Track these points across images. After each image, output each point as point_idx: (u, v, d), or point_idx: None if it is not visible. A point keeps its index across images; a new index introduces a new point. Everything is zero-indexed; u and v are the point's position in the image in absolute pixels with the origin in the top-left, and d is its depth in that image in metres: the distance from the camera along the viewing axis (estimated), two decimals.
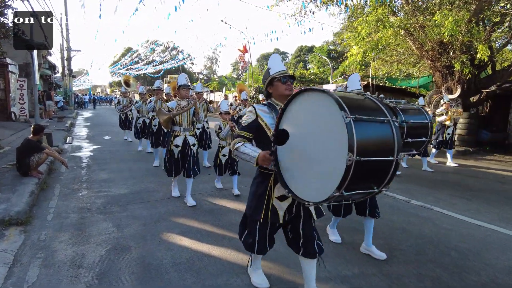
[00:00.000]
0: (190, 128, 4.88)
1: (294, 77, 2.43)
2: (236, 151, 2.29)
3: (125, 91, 10.63)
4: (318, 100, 1.90)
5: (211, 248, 3.46)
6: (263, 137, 2.31)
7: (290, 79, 2.36)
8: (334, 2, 12.08)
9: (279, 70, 2.37)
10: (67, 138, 11.15)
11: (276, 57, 2.46)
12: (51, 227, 3.93)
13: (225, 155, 5.32)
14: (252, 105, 2.39)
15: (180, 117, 4.74)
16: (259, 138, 2.35)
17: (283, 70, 2.38)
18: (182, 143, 4.76)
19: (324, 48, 39.71)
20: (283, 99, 2.29)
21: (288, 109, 2.11)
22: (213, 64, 71.31)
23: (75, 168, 6.93)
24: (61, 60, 28.06)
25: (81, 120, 20.03)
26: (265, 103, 2.41)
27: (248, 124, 2.34)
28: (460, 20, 8.58)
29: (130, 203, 4.80)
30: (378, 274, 3.03)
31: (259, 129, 2.32)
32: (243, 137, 2.34)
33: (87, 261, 3.13)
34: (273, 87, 2.38)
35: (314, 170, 1.92)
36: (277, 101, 2.37)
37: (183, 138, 4.78)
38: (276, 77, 2.34)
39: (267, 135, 2.29)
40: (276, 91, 2.36)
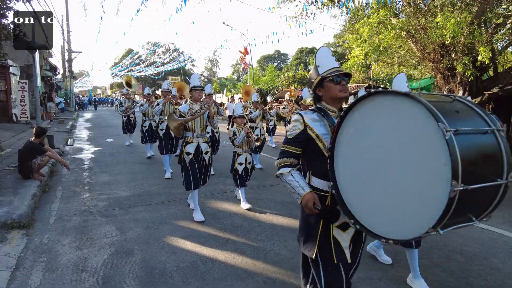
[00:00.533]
0: (204, 134, 4.43)
1: (350, 75, 2.01)
2: (280, 176, 1.93)
3: (127, 92, 10.25)
4: (398, 106, 1.48)
5: (215, 252, 3.43)
6: (314, 151, 1.88)
7: (345, 77, 1.94)
8: (335, 4, 12.08)
9: (330, 68, 1.92)
10: (68, 140, 11.13)
11: (325, 51, 2.02)
12: (53, 230, 3.90)
13: (242, 163, 4.82)
14: (299, 112, 1.96)
15: (193, 122, 4.28)
16: (308, 152, 1.92)
17: (336, 67, 1.92)
18: (194, 150, 4.28)
19: None
20: (336, 102, 1.93)
21: (351, 117, 1.67)
22: (214, 65, 71.38)
23: (77, 170, 6.91)
24: (62, 62, 28.11)
25: (82, 121, 20.04)
26: (313, 108, 1.98)
27: (295, 137, 1.90)
28: (462, 22, 8.56)
29: (132, 206, 4.78)
30: (383, 278, 3.00)
31: (308, 142, 1.89)
32: (289, 155, 1.91)
33: (90, 265, 3.10)
34: (323, 88, 1.93)
35: (391, 198, 1.51)
36: (329, 106, 1.93)
37: (196, 145, 4.30)
38: (327, 77, 1.89)
39: (318, 149, 1.86)
40: (328, 93, 1.92)
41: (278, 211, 4.69)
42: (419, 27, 10.41)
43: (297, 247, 3.54)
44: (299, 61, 49.74)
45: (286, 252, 3.47)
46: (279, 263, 3.23)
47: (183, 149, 4.30)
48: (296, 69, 42.23)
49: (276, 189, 5.76)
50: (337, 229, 1.85)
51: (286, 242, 3.72)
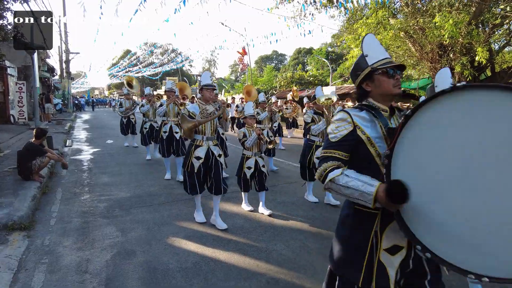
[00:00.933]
0: (214, 137, 4.12)
1: (404, 67, 1.68)
2: (331, 184, 1.49)
3: (127, 92, 10.03)
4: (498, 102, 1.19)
5: (217, 252, 3.43)
6: (362, 157, 1.56)
7: (398, 69, 1.62)
8: (334, 4, 12.12)
9: (382, 58, 1.61)
10: (66, 141, 11.09)
11: (372, 39, 1.72)
12: (54, 231, 3.89)
13: (250, 167, 4.47)
14: (345, 110, 1.64)
15: (203, 124, 3.97)
16: (355, 159, 1.59)
17: (388, 58, 1.63)
18: (205, 154, 3.97)
19: (323, 50, 39.82)
20: (388, 100, 1.63)
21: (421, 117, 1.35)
22: (212, 66, 71.39)
23: (76, 172, 6.89)
24: (60, 63, 28.05)
25: (80, 123, 19.98)
26: (359, 106, 1.66)
27: (342, 139, 1.56)
28: (460, 22, 8.62)
29: (133, 207, 4.77)
30: None
31: (357, 146, 1.56)
32: (333, 160, 1.56)
33: (93, 266, 3.10)
34: (372, 83, 1.62)
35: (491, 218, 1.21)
36: (379, 104, 1.62)
37: (206, 149, 3.98)
38: (379, 68, 1.58)
39: (368, 155, 1.54)
40: (379, 89, 1.60)
41: (279, 211, 4.69)
42: (417, 28, 10.47)
43: (299, 248, 3.57)
44: (297, 61, 49.81)
45: (288, 252, 3.48)
46: (281, 263, 3.24)
47: (191, 153, 3.96)
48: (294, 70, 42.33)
49: (277, 189, 5.76)
50: (385, 253, 1.50)
51: (288, 242, 3.73)
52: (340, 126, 1.58)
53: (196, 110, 3.95)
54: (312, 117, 5.00)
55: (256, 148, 4.56)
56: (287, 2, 12.94)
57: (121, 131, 10.13)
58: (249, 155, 4.55)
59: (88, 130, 15.70)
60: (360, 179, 1.43)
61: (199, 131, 3.99)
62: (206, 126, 3.99)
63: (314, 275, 3.03)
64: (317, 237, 3.86)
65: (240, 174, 4.57)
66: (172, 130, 6.31)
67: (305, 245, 3.64)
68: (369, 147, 1.54)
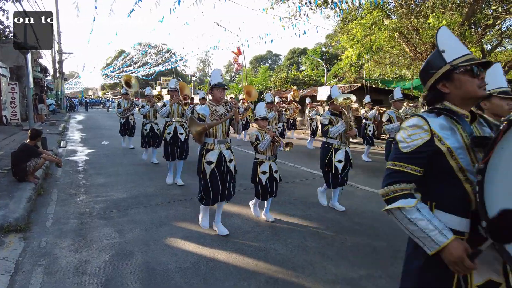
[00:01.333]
0: (226, 140, 3.83)
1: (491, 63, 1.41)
2: (397, 211, 1.32)
3: (126, 92, 9.56)
4: None
5: (216, 252, 3.44)
6: (441, 171, 1.33)
7: (483, 67, 1.36)
8: (328, 5, 12.18)
9: (463, 54, 1.37)
10: (61, 142, 10.99)
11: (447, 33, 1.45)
12: (51, 233, 3.86)
13: (265, 172, 4.17)
14: (419, 114, 1.39)
15: (214, 127, 3.70)
16: (432, 173, 1.36)
17: (469, 53, 1.39)
18: (216, 158, 3.71)
19: (317, 50, 39.96)
20: (470, 104, 1.39)
21: None
22: (206, 66, 71.28)
23: (71, 173, 6.83)
24: (53, 63, 27.76)
25: (74, 123, 19.81)
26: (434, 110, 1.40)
27: (416, 150, 1.33)
28: (453, 23, 8.73)
29: (130, 208, 4.75)
30: (384, 276, 3.04)
31: (434, 158, 1.33)
32: (406, 178, 1.34)
33: (91, 267, 3.08)
34: (452, 83, 1.37)
35: None
36: (458, 108, 1.38)
37: (218, 153, 3.71)
38: (461, 66, 1.34)
39: (449, 168, 1.31)
40: (461, 90, 1.35)
41: (276, 210, 4.71)
42: (411, 28, 10.57)
43: (297, 247, 3.59)
44: (292, 61, 49.93)
45: (286, 252, 3.49)
46: (280, 262, 3.25)
47: (203, 158, 3.70)
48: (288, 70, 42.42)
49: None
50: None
51: (286, 241, 3.75)
52: (415, 134, 1.34)
53: (206, 111, 3.67)
54: (329, 118, 4.66)
55: (269, 152, 4.22)
56: (282, 3, 13.00)
57: (120, 131, 9.89)
58: (263, 160, 4.22)
59: (82, 131, 15.57)
60: (432, 222, 1.26)
61: (210, 133, 3.71)
62: (217, 129, 3.71)
63: (313, 274, 3.05)
64: (314, 237, 3.88)
65: (255, 181, 4.21)
66: (176, 131, 5.95)
67: (303, 244, 3.66)
68: (449, 160, 1.29)
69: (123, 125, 9.68)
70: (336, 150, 4.61)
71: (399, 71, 16.84)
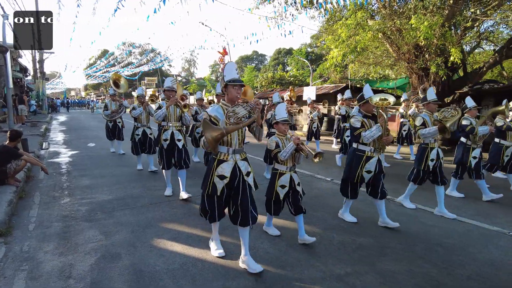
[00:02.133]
0: (242, 149, 3.17)
1: None
2: None
3: (113, 93, 8.90)
4: None
5: (204, 252, 3.43)
6: None
7: None
8: (314, 5, 12.29)
9: None
10: (43, 143, 10.71)
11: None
12: (33, 237, 3.76)
13: (285, 186, 3.59)
14: None
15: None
16: None
17: None
18: (231, 172, 3.04)
19: (303, 51, 40.26)
20: None
21: None
22: (191, 66, 70.78)
23: (54, 175, 6.67)
24: (33, 63, 27.02)
25: (56, 124, 19.34)
26: None
27: None
28: (434, 24, 8.96)
29: (116, 210, 4.68)
30: (371, 272, 3.09)
31: None
32: None
33: (77, 271, 3.02)
34: None
35: None
36: None
37: (233, 165, 3.05)
38: None
39: None
40: None
41: (264, 210, 4.71)
42: (395, 29, 10.78)
43: (285, 245, 3.60)
44: (277, 61, 50.15)
45: (274, 251, 3.51)
46: (268, 261, 3.27)
47: (213, 171, 3.04)
48: (274, 70, 42.57)
49: (261, 188, 5.77)
50: None
51: (274, 240, 3.77)
52: None
53: (220, 114, 3.02)
54: (361, 121, 4.07)
55: (291, 162, 3.64)
56: (267, 3, 13.04)
57: (107, 135, 9.16)
58: (283, 171, 3.62)
59: (65, 132, 15.22)
60: None
61: (223, 141, 3.04)
62: (232, 135, 3.03)
63: (301, 271, 3.08)
64: None
65: (271, 196, 3.67)
66: (173, 137, 5.18)
67: (291, 242, 3.69)
68: None
69: (111, 129, 8.98)
70: (368, 159, 4.05)
71: (383, 71, 17.15)
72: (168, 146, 5.16)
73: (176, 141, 5.20)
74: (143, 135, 7.09)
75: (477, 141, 5.48)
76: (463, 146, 5.58)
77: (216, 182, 3.02)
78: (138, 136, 7.07)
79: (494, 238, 3.95)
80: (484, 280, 2.99)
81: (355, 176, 4.10)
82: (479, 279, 3.02)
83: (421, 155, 4.76)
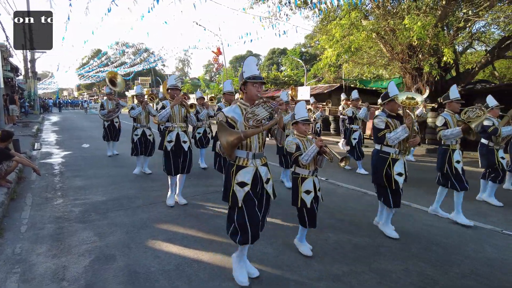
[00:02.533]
0: (262, 153, 2.85)
1: None
2: None
3: (110, 92, 8.47)
4: None
5: (200, 253, 3.40)
6: None
7: None
8: (308, 5, 12.32)
9: None
10: (35, 144, 10.57)
11: None
12: (26, 239, 3.69)
13: (309, 191, 3.30)
14: None
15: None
16: None
17: None
18: (252, 179, 2.72)
19: (297, 51, 40.35)
20: None
21: None
22: (185, 66, 70.56)
23: (47, 176, 6.58)
24: (24, 62, 26.61)
25: (48, 125, 19.11)
26: None
27: None
28: (427, 24, 9.03)
29: (110, 211, 4.62)
30: (367, 271, 3.10)
31: None
32: None
33: (70, 273, 2.97)
34: None
35: None
36: None
37: (254, 171, 2.74)
38: None
39: None
40: None
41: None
42: (388, 29, 10.85)
43: (281, 245, 3.60)
44: (271, 61, 50.21)
45: (270, 250, 3.50)
46: (265, 261, 3.25)
47: (232, 178, 2.73)
48: (269, 70, 42.61)
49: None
50: None
51: (270, 240, 3.75)
52: None
53: (237, 115, 2.68)
54: (386, 121, 3.81)
55: (313, 165, 3.35)
56: (262, 3, 13.04)
57: (104, 137, 8.73)
58: (305, 175, 3.33)
59: (58, 132, 15.03)
60: None
61: (241, 145, 2.73)
62: (252, 138, 2.73)
63: (297, 271, 3.07)
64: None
65: (298, 204, 3.32)
66: (179, 138, 4.85)
67: (287, 242, 3.68)
68: None
69: (107, 129, 8.56)
70: (394, 161, 3.78)
71: (377, 71, 17.26)
72: (173, 149, 4.82)
73: (182, 143, 4.88)
74: (142, 135, 6.73)
75: (500, 143, 5.21)
76: (486, 148, 5.26)
77: (236, 191, 2.68)
78: (138, 137, 6.71)
79: (488, 236, 3.98)
80: (480, 279, 3.01)
81: (384, 179, 3.80)
82: (475, 277, 3.04)
83: (442, 158, 4.45)
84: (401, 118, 3.83)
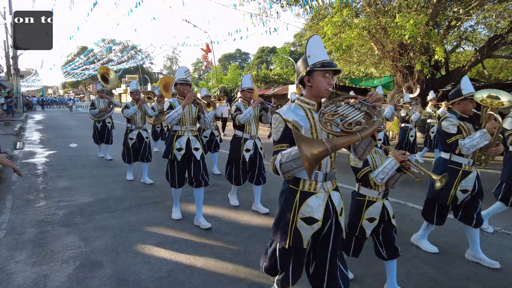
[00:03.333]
0: (334, 173, 2.01)
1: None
2: None
3: (102, 89, 7.74)
4: None
5: (193, 258, 3.22)
6: None
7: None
8: (299, 2, 12.20)
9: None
10: (17, 143, 10.16)
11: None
12: (4, 245, 3.45)
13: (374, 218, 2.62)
14: None
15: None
16: None
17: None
18: (324, 210, 1.90)
19: (287, 49, 40.30)
20: None
21: None
22: (173, 64, 69.74)
23: (29, 176, 6.28)
24: (6, 59, 25.83)
25: (32, 123, 18.51)
26: None
27: None
28: (419, 23, 9.01)
29: (96, 213, 4.40)
30: (368, 274, 2.98)
31: None
32: None
33: (52, 282, 2.76)
34: None
35: None
36: None
37: (326, 200, 1.92)
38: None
39: None
40: None
41: (255, 211, 4.56)
42: (379, 27, 10.82)
43: None
44: (261, 60, 50.04)
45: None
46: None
47: (295, 210, 1.90)
48: (258, 68, 42.44)
49: (250, 188, 5.61)
50: None
51: (267, 242, 3.59)
52: None
53: (300, 117, 1.89)
54: (458, 125, 3.11)
55: (384, 185, 2.55)
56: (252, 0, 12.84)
57: (94, 138, 8.06)
58: (372, 198, 2.57)
59: (42, 131, 14.54)
60: None
61: None
62: None
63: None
64: None
65: (356, 231, 2.63)
66: (189, 145, 4.00)
67: None
68: None
69: (98, 130, 7.88)
70: (465, 174, 3.12)
71: (367, 69, 17.28)
72: (182, 158, 3.99)
73: (193, 151, 4.03)
74: (138, 138, 5.86)
75: None
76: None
77: (301, 228, 1.88)
78: (132, 141, 5.83)
79: (487, 236, 3.92)
80: (482, 280, 2.93)
81: (448, 196, 3.15)
82: (476, 278, 2.96)
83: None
84: (474, 121, 3.16)
